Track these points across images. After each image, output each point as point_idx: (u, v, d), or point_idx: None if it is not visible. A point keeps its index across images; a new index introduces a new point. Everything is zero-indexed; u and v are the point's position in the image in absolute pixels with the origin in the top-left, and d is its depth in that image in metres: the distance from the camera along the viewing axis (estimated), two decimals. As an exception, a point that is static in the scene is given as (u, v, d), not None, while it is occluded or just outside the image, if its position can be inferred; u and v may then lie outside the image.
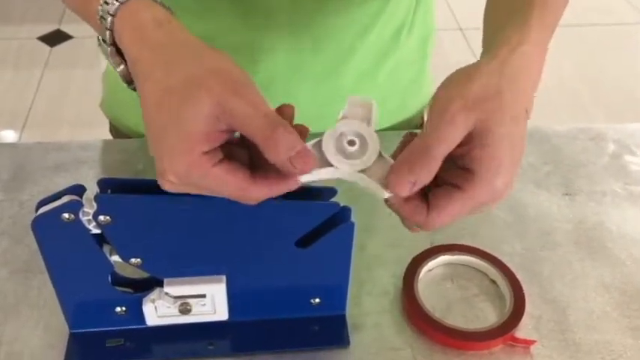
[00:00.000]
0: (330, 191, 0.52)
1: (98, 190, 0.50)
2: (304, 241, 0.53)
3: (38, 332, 0.58)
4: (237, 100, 0.42)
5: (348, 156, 0.45)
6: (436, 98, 0.45)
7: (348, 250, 0.54)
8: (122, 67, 0.47)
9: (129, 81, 0.48)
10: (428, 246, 0.65)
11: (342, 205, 0.51)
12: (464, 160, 0.44)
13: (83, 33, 2.46)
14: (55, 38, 2.47)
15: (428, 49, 0.84)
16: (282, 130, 0.42)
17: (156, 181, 0.50)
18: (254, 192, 0.44)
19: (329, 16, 0.71)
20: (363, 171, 0.45)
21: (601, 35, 2.53)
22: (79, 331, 0.57)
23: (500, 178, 0.43)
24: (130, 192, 0.50)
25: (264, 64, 0.72)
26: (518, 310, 0.59)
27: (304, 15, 0.70)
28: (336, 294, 0.57)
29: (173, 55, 0.44)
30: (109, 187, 0.50)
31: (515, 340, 0.58)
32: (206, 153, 0.42)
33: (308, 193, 0.51)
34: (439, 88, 0.46)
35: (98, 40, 0.48)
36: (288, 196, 0.50)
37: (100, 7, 0.47)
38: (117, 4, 0.46)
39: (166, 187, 0.44)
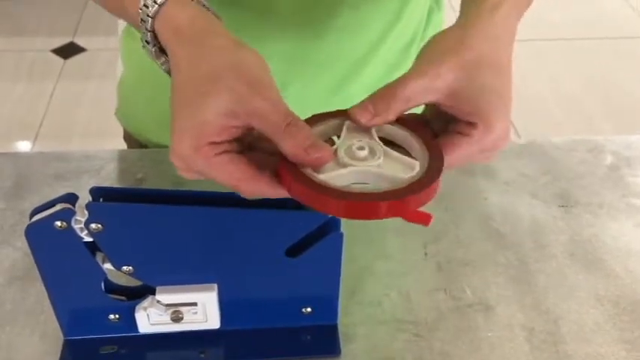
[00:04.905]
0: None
1: (90, 199, 0.50)
2: (294, 251, 0.53)
3: (34, 339, 0.58)
4: (256, 98, 0.44)
5: (360, 160, 0.46)
6: (420, 53, 0.50)
7: (337, 259, 0.54)
8: (166, 65, 0.50)
9: None
10: (421, 257, 0.65)
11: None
12: (463, 116, 0.47)
13: (97, 46, 2.49)
14: (68, 51, 2.50)
15: None
16: (297, 122, 0.44)
17: (148, 190, 0.52)
18: (251, 186, 0.45)
19: (340, 31, 0.72)
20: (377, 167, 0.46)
21: (610, 48, 2.52)
22: (74, 338, 0.58)
23: (500, 123, 0.46)
24: (122, 200, 0.51)
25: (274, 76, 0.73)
26: (428, 177, 0.44)
27: (315, 30, 0.71)
28: (327, 303, 0.58)
29: (201, 51, 0.46)
30: (102, 195, 0.51)
31: (407, 213, 0.43)
32: (213, 143, 0.44)
33: (298, 202, 0.51)
34: (424, 46, 0.50)
35: (141, 41, 0.50)
36: (278, 204, 0.51)
37: (140, 11, 0.49)
38: (156, 6, 0.47)
39: (177, 167, 0.46)
